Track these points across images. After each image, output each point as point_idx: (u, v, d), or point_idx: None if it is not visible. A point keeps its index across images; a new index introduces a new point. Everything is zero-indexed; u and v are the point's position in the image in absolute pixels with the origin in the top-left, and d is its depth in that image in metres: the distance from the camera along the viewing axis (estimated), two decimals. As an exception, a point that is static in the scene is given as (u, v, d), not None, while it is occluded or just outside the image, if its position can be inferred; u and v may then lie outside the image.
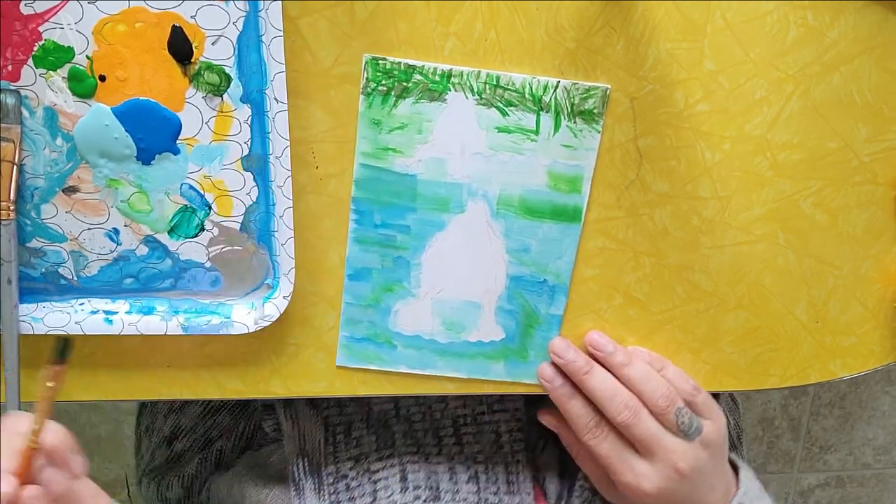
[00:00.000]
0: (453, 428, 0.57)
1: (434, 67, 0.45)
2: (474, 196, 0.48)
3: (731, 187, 0.49)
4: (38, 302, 0.48)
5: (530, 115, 0.46)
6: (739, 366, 0.54)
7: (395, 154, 0.47)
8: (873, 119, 0.48)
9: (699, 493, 0.51)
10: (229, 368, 0.51)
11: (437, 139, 0.47)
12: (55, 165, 0.45)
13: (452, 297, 0.50)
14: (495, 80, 0.46)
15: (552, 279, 0.50)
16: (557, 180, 0.48)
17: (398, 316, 0.50)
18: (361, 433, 0.56)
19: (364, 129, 0.46)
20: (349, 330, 0.50)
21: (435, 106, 0.46)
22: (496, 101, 0.46)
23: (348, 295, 0.50)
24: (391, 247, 0.49)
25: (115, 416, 1.10)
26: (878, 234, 0.51)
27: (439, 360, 0.51)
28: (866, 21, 0.46)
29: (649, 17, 0.45)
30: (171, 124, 0.44)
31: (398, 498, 0.54)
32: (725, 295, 0.52)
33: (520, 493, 0.55)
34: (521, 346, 0.51)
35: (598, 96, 0.46)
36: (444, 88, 0.46)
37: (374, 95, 0.45)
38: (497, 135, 0.47)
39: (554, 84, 0.46)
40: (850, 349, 0.54)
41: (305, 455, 0.55)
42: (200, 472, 0.61)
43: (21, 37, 0.42)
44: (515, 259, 0.50)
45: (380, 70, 0.45)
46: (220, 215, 0.47)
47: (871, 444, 1.28)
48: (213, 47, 0.43)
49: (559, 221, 0.49)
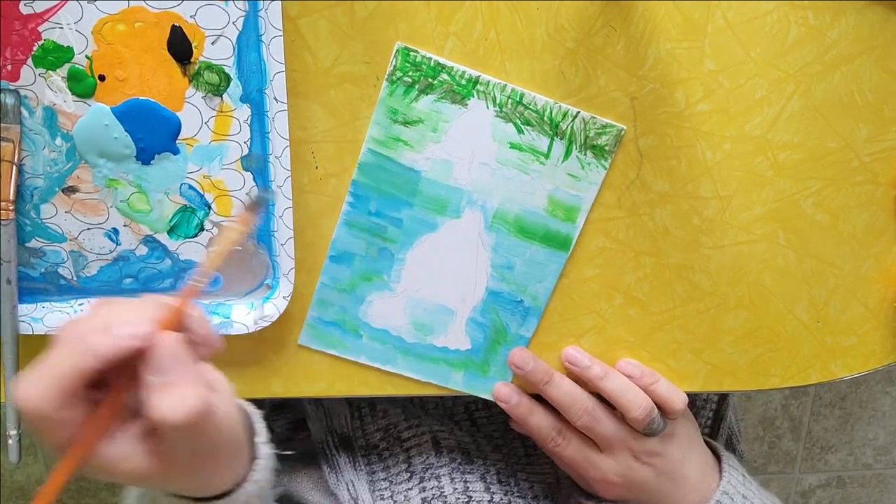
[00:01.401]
0: (466, 413, 0.59)
1: (463, 71, 0.45)
2: (473, 205, 0.48)
3: (732, 187, 0.49)
4: (38, 302, 0.48)
5: (545, 138, 0.47)
6: (740, 366, 0.53)
7: (405, 146, 0.47)
8: (874, 119, 0.48)
9: (669, 481, 0.53)
10: (229, 368, 0.50)
11: (450, 141, 0.47)
12: (55, 165, 0.45)
13: (428, 298, 0.50)
14: (519, 97, 0.46)
15: (529, 301, 0.50)
16: (556, 206, 0.48)
17: (370, 307, 0.50)
18: (386, 406, 0.56)
19: (380, 115, 0.46)
20: (318, 311, 0.50)
21: (455, 108, 0.46)
22: (515, 117, 0.46)
23: (325, 276, 0.49)
24: (379, 237, 0.49)
25: (116, 417, 1.10)
26: (879, 233, 0.51)
27: (400, 359, 0.51)
28: (867, 21, 0.46)
29: (650, 16, 0.45)
30: (170, 124, 0.44)
31: (434, 461, 0.55)
32: (726, 295, 0.52)
33: (539, 463, 0.57)
34: (483, 359, 0.52)
35: (612, 134, 0.47)
36: (467, 94, 0.46)
37: (398, 84, 0.45)
38: (508, 150, 0.47)
39: (574, 113, 0.46)
40: (850, 349, 0.54)
41: (334, 432, 0.56)
42: None
43: (20, 36, 0.42)
44: (498, 274, 0.50)
45: (409, 61, 0.45)
46: (220, 215, 0.47)
47: (872, 445, 1.27)
48: (213, 47, 0.43)
49: (548, 247, 0.49)
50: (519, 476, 0.56)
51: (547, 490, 0.57)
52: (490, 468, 0.56)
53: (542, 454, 0.57)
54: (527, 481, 0.57)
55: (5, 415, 0.47)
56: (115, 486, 1.17)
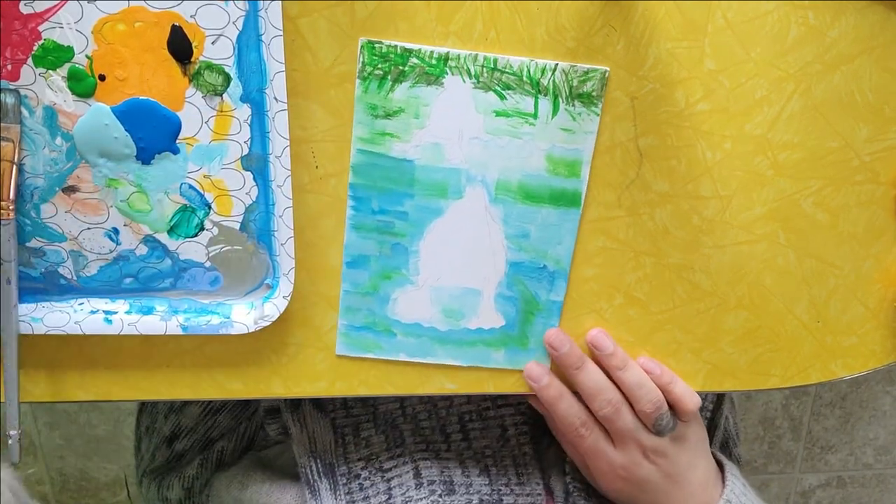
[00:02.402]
0: (459, 424, 0.57)
1: (431, 51, 0.45)
2: (472, 181, 0.48)
3: (732, 187, 0.49)
4: (38, 302, 0.48)
5: (528, 98, 0.46)
6: (740, 366, 0.53)
7: (392, 139, 0.46)
8: (874, 118, 0.48)
9: (673, 483, 0.53)
10: (229, 368, 0.51)
11: (435, 124, 0.46)
12: (55, 165, 0.45)
13: (451, 283, 0.50)
14: (493, 64, 0.45)
15: (552, 265, 0.50)
16: (556, 164, 0.48)
17: (397, 304, 0.50)
18: (370, 433, 0.56)
19: (360, 114, 0.46)
20: (348, 318, 0.50)
21: (432, 90, 0.46)
22: (494, 84, 0.46)
23: (346, 283, 0.49)
24: (389, 233, 0.48)
25: (115, 416, 1.10)
26: (879, 233, 0.51)
27: (439, 348, 0.51)
28: (867, 20, 0.46)
29: (650, 16, 0.45)
30: (170, 124, 0.44)
31: (413, 494, 0.54)
32: (726, 295, 0.52)
33: (529, 483, 0.57)
34: (521, 333, 0.51)
35: (596, 79, 0.46)
36: (440, 72, 0.45)
37: (371, 80, 0.45)
38: (495, 119, 0.46)
39: (552, 67, 0.45)
40: (850, 349, 0.54)
41: (317, 456, 0.55)
42: (201, 473, 0.61)
43: (20, 36, 0.42)
44: (514, 245, 0.49)
45: (376, 54, 0.45)
46: (220, 215, 0.47)
47: (872, 445, 1.27)
48: (213, 47, 0.43)
49: (558, 206, 0.48)
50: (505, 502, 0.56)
51: None
52: (473, 497, 0.55)
53: (533, 474, 0.56)
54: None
55: (5, 415, 0.47)
56: (116, 486, 1.17)
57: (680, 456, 0.53)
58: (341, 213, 0.48)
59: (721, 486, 0.54)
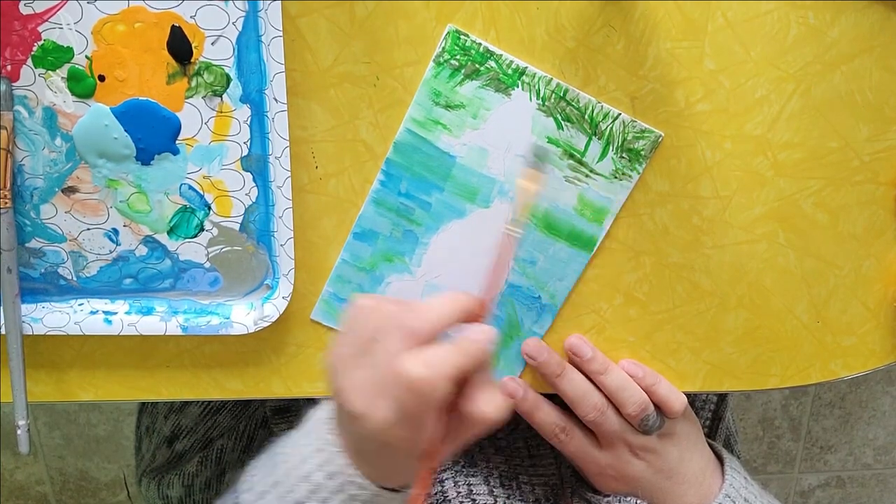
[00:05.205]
0: None
1: (510, 60, 0.45)
2: (503, 196, 0.48)
3: (732, 186, 0.49)
4: (38, 302, 0.48)
5: (583, 136, 0.47)
6: (740, 366, 0.53)
7: (443, 130, 0.47)
8: (874, 118, 0.48)
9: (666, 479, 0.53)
10: (229, 368, 0.51)
11: (489, 129, 0.47)
12: (54, 165, 0.45)
13: (447, 285, 0.50)
14: (563, 93, 0.46)
15: (546, 298, 0.50)
16: (585, 206, 0.48)
17: (388, 288, 0.50)
18: None
19: (422, 96, 0.46)
20: (335, 287, 0.50)
21: (498, 97, 0.46)
22: (557, 112, 0.46)
23: (347, 253, 0.49)
24: (407, 219, 0.48)
25: (115, 416, 1.10)
26: (879, 233, 0.51)
27: None
28: (867, 20, 0.46)
29: (649, 16, 0.45)
30: (170, 124, 0.44)
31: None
32: (726, 295, 0.52)
33: (543, 465, 0.57)
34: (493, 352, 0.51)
35: (650, 140, 0.47)
36: (512, 83, 0.46)
37: (444, 67, 0.45)
38: (546, 145, 0.47)
39: (615, 115, 0.46)
40: (850, 349, 0.54)
41: None
42: (202, 471, 0.61)
43: (20, 37, 0.42)
44: (520, 269, 0.50)
45: (459, 44, 0.45)
46: (220, 215, 0.47)
47: (872, 445, 1.28)
48: (213, 47, 0.43)
49: (572, 246, 0.49)
50: (521, 479, 0.57)
51: (549, 493, 0.57)
52: (493, 471, 0.56)
53: (545, 455, 0.57)
54: (528, 484, 0.57)
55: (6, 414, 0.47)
56: (116, 486, 1.17)
57: (669, 451, 0.53)
58: (341, 213, 0.48)
59: (721, 478, 0.54)
